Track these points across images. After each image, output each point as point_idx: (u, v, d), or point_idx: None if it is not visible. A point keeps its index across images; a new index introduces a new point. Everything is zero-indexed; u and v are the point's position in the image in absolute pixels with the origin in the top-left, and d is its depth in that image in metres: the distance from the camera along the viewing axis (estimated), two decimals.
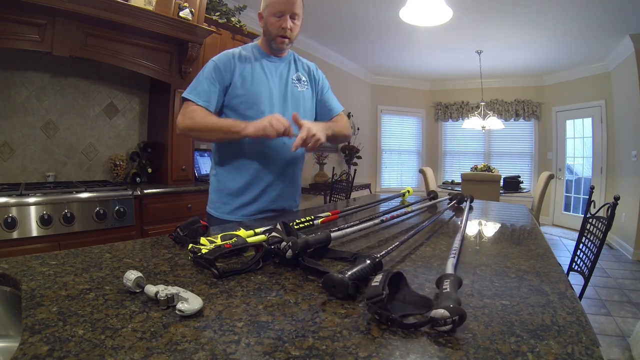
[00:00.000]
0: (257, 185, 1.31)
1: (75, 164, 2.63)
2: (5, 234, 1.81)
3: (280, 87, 1.33)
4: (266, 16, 1.26)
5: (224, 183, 1.34)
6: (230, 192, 1.32)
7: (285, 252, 0.70)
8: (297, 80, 1.37)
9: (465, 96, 6.66)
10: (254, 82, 1.28)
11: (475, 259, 0.82)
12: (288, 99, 1.33)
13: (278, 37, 1.27)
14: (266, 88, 1.29)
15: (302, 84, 1.38)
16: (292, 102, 1.34)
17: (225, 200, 1.33)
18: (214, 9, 3.06)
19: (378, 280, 0.51)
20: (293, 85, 1.36)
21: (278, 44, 1.29)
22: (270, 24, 1.26)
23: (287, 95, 1.33)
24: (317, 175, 4.98)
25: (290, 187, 1.39)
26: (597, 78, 5.16)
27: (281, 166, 1.33)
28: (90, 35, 2.23)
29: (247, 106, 1.27)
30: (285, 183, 1.36)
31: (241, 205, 1.31)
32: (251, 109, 1.27)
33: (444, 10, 2.93)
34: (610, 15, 3.57)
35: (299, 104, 1.36)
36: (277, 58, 1.36)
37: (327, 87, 1.48)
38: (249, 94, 1.27)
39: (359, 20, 4.03)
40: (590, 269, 1.59)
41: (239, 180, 1.31)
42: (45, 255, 0.76)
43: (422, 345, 0.44)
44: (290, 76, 1.36)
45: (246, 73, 1.28)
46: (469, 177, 4.51)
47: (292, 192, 1.41)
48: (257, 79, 1.29)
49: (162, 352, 0.41)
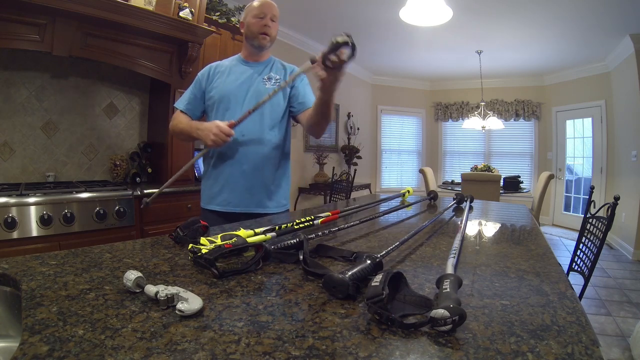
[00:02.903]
0: (220, 179, 1.45)
1: (75, 164, 2.63)
2: (5, 234, 1.81)
3: (245, 86, 1.45)
4: (248, 20, 1.44)
5: (204, 176, 1.55)
6: (204, 185, 1.53)
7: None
8: (268, 79, 1.47)
9: (465, 96, 6.66)
10: (222, 85, 1.45)
11: (475, 259, 0.82)
12: (252, 96, 1.43)
13: (260, 34, 1.43)
14: (232, 88, 1.44)
15: (271, 82, 1.47)
16: (256, 97, 1.41)
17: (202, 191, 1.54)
18: (214, 9, 3.06)
19: (378, 280, 0.51)
20: (261, 84, 1.45)
21: (260, 40, 1.44)
22: (252, 24, 1.43)
23: (250, 93, 1.44)
24: (317, 175, 4.98)
25: (259, 185, 1.43)
26: (597, 78, 5.16)
27: (243, 163, 1.41)
28: (90, 35, 2.23)
29: (217, 106, 1.45)
30: (251, 181, 1.42)
31: (213, 196, 1.47)
32: (219, 108, 1.44)
33: (444, 10, 2.93)
34: (610, 15, 3.57)
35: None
36: (255, 63, 1.49)
37: (301, 80, 1.51)
38: (216, 95, 1.45)
39: (359, 20, 4.03)
40: (590, 269, 1.59)
41: (208, 173, 1.51)
42: (45, 255, 0.76)
43: (422, 345, 0.44)
44: (262, 76, 1.47)
45: (219, 78, 1.47)
46: (469, 177, 4.51)
47: (261, 191, 1.44)
48: (226, 82, 1.46)
49: (162, 352, 0.41)
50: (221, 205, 1.45)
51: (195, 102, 1.50)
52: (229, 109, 1.42)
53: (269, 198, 1.46)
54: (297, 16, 3.90)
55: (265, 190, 1.45)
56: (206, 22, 2.76)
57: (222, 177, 1.44)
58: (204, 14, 2.72)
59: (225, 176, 1.43)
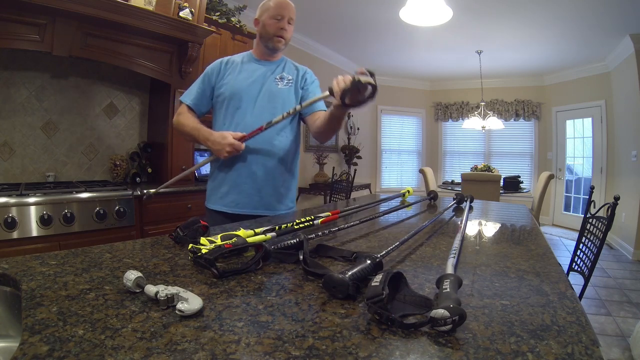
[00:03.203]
0: (228, 180, 1.41)
1: (75, 164, 2.63)
2: (5, 234, 1.81)
3: (257, 85, 1.41)
4: (264, 19, 1.40)
5: (210, 177, 1.50)
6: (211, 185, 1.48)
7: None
8: (280, 79, 1.44)
9: (465, 96, 6.66)
10: (234, 82, 1.41)
11: (475, 259, 0.82)
12: (264, 96, 1.41)
13: (276, 36, 1.39)
14: (244, 86, 1.40)
15: (283, 82, 1.44)
16: (269, 98, 1.40)
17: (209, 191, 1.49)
18: (214, 9, 3.06)
19: (378, 280, 0.51)
20: (273, 83, 1.43)
21: (275, 43, 1.41)
22: (268, 25, 1.39)
23: (262, 92, 1.41)
24: (317, 175, 4.98)
25: (269, 189, 1.41)
26: (597, 78, 5.16)
27: (253, 166, 1.39)
28: (90, 35, 2.23)
29: (227, 104, 1.40)
30: (261, 183, 1.39)
31: (220, 196, 1.43)
32: (229, 106, 1.40)
33: (444, 10, 2.93)
34: (610, 15, 3.57)
35: (276, 100, 1.41)
36: (267, 62, 1.46)
37: (312, 83, 1.50)
38: (227, 91, 1.40)
39: (359, 20, 4.03)
40: (590, 269, 1.59)
41: (215, 173, 1.46)
42: (45, 255, 0.76)
43: (422, 345, 0.44)
44: (274, 75, 1.44)
45: (230, 74, 1.43)
46: (469, 177, 4.51)
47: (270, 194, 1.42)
48: (237, 78, 1.41)
49: (162, 352, 0.41)
50: (228, 206, 1.40)
51: (203, 98, 1.45)
52: (239, 108, 1.38)
53: (279, 201, 1.44)
54: (296, 16, 3.89)
55: (275, 194, 1.42)
56: (206, 22, 2.76)
57: (231, 179, 1.40)
58: (204, 14, 2.72)
59: (233, 177, 1.39)
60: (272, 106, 1.39)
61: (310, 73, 1.52)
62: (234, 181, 1.39)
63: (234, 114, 1.38)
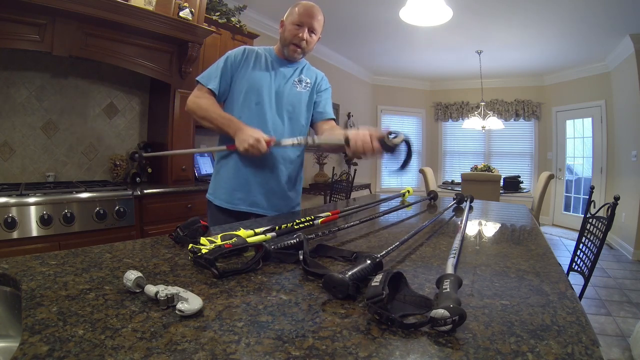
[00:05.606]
0: (236, 177, 1.37)
1: (75, 164, 2.63)
2: (5, 234, 1.81)
3: (279, 83, 1.39)
4: (287, 24, 1.36)
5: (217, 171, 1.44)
6: (223, 181, 1.41)
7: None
8: (299, 81, 1.43)
9: (465, 96, 6.66)
10: (256, 74, 1.37)
11: (475, 259, 0.82)
12: (284, 95, 1.39)
13: (292, 44, 1.36)
14: (265, 81, 1.37)
15: (302, 85, 1.43)
16: (288, 99, 1.39)
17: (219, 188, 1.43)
18: (214, 9, 3.06)
19: (378, 280, 0.51)
20: (292, 85, 1.41)
21: (290, 51, 1.37)
22: (288, 31, 1.35)
23: (284, 92, 1.39)
24: (317, 175, 4.98)
25: (278, 191, 1.41)
26: (597, 78, 5.16)
27: (264, 166, 1.37)
28: (90, 35, 2.23)
29: (245, 95, 1.36)
30: (269, 184, 1.38)
31: (226, 192, 1.38)
32: (248, 99, 1.35)
33: (444, 10, 2.93)
34: (610, 15, 3.57)
35: (294, 102, 1.41)
36: (288, 62, 1.43)
37: (325, 90, 1.50)
38: (248, 84, 1.36)
39: (359, 20, 4.03)
40: (590, 269, 1.59)
41: (222, 169, 1.41)
42: (45, 255, 0.76)
43: (422, 345, 0.44)
44: (293, 78, 1.42)
45: (252, 65, 1.38)
46: (469, 177, 4.51)
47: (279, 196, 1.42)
48: (260, 72, 1.38)
49: (162, 352, 0.41)
50: (232, 203, 1.37)
51: (225, 84, 1.36)
52: (259, 103, 1.34)
53: (286, 203, 1.44)
54: None
55: (283, 196, 1.42)
56: (206, 22, 2.76)
57: (239, 176, 1.36)
58: (204, 14, 2.72)
59: (242, 175, 1.36)
60: (291, 108, 1.39)
61: (326, 80, 1.53)
62: (245, 179, 1.36)
63: (253, 107, 1.34)
